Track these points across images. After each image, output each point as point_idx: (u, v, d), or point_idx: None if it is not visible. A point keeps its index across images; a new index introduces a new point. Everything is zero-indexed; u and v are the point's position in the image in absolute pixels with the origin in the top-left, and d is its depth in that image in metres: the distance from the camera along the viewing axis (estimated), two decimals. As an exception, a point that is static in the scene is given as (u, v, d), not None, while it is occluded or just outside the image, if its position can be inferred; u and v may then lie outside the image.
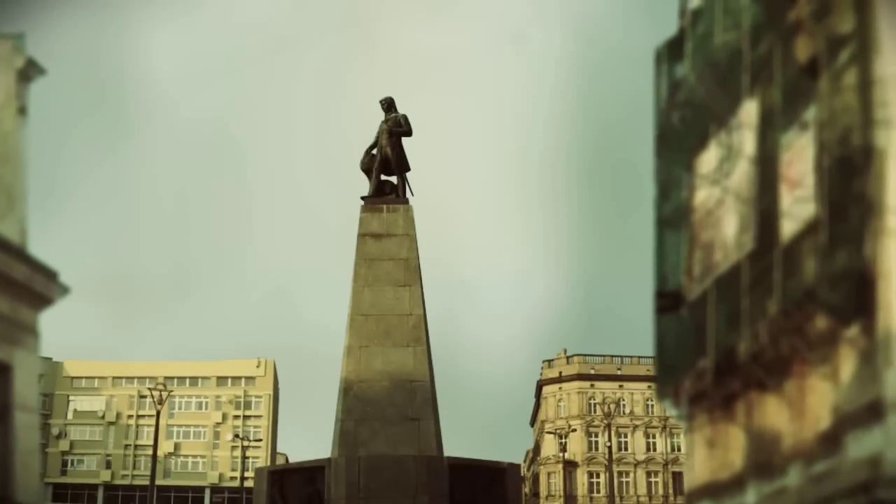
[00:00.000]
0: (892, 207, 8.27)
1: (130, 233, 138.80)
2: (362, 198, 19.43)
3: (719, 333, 9.87)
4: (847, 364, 8.54)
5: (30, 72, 10.77)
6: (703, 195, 10.54)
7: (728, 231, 10.02)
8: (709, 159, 10.47)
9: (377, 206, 19.12)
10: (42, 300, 10.60)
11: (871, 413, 8.13)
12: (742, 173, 9.89)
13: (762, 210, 9.51)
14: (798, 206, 9.08)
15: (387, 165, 19.60)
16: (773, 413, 9.36)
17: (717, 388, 9.99)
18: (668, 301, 10.72)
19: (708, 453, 10.41)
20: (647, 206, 11.30)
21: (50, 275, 10.63)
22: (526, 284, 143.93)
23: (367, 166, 19.77)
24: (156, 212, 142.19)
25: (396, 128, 19.54)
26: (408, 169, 19.80)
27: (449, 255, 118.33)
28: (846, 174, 8.60)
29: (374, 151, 19.75)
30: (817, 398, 8.84)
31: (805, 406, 8.98)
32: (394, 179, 19.70)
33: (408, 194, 19.51)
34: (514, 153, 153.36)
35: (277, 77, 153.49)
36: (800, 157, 9.15)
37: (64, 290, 10.87)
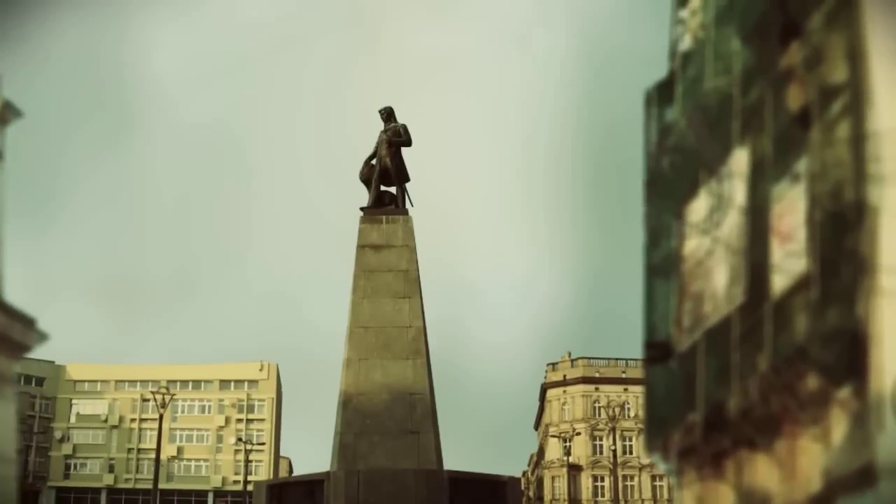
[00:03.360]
0: (885, 267, 8.02)
1: (133, 235, 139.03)
2: (361, 209, 19.31)
3: (709, 387, 9.64)
4: (838, 426, 8.31)
5: (5, 115, 10.57)
6: (692, 244, 10.30)
7: (718, 282, 9.78)
8: (699, 208, 10.24)
9: (376, 217, 19.04)
10: (20, 349, 10.42)
11: (863, 478, 7.92)
12: (732, 224, 9.65)
13: (753, 263, 9.27)
14: (789, 260, 8.84)
15: (386, 176, 19.49)
16: (764, 473, 9.13)
17: (707, 444, 9.76)
18: (657, 352, 10.49)
19: (697, 511, 10.20)
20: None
21: (27, 322, 10.43)
22: (530, 287, 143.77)
23: (367, 177, 19.64)
24: (158, 214, 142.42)
25: (396, 138, 19.42)
26: (407, 179, 19.66)
27: (453, 258, 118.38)
28: (838, 230, 8.36)
29: (374, 162, 19.63)
30: (808, 460, 8.61)
31: (796, 467, 8.75)
32: (393, 190, 19.57)
33: (407, 205, 19.40)
34: (518, 155, 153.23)
35: (280, 78, 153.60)
36: (791, 209, 8.91)
37: (42, 337, 10.68)
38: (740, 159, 9.59)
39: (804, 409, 8.59)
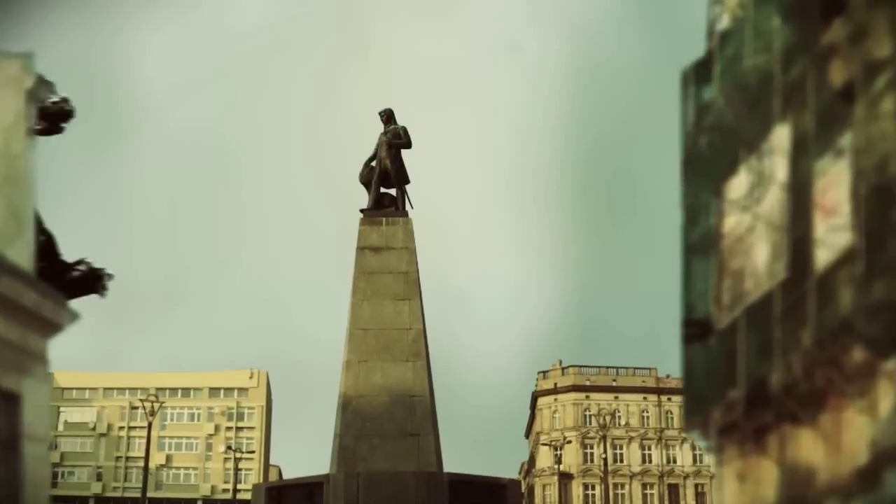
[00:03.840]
0: None
1: (122, 241, 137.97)
2: (361, 210, 19.21)
3: (750, 364, 9.63)
4: (885, 398, 8.31)
5: (39, 91, 10.51)
6: (732, 221, 10.30)
7: (759, 259, 9.78)
8: (738, 185, 10.24)
9: (376, 218, 18.95)
10: (52, 327, 10.33)
11: (912, 449, 7.92)
12: (774, 200, 9.67)
13: (795, 238, 9.28)
14: (833, 234, 8.85)
15: (386, 178, 19.43)
16: (808, 447, 9.12)
17: (748, 420, 9.74)
18: (696, 329, 10.48)
19: (739, 487, 10.16)
20: (642, 217, 11.15)
21: (59, 301, 10.35)
22: (521, 295, 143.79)
23: (367, 179, 19.58)
24: (148, 220, 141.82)
25: (396, 140, 19.37)
26: (407, 181, 19.60)
27: (443, 266, 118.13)
28: (884, 203, 8.37)
29: (374, 164, 19.58)
30: (854, 432, 8.60)
31: (841, 440, 8.74)
32: (393, 192, 19.50)
33: (407, 207, 19.31)
34: (508, 162, 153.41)
35: (271, 84, 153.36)
36: (835, 184, 8.93)
37: (73, 316, 10.60)
38: (781, 136, 9.61)
39: (850, 382, 8.59)
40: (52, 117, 16.01)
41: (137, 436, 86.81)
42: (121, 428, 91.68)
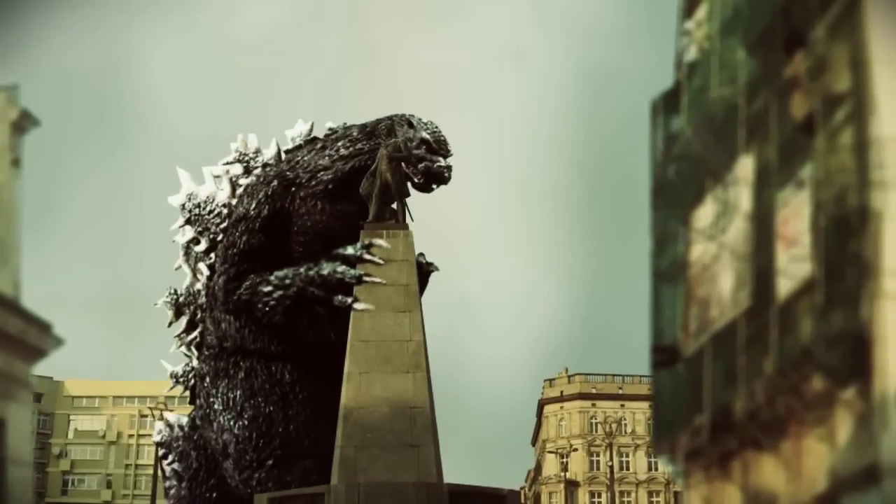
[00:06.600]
0: (889, 270, 8.21)
1: (131, 250, 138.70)
2: (362, 223, 19.45)
3: (715, 390, 9.81)
4: (843, 426, 8.48)
5: (24, 123, 10.74)
6: (699, 250, 10.48)
7: (724, 287, 9.96)
8: (705, 214, 10.43)
9: (377, 232, 19.10)
10: (36, 353, 10.58)
11: (868, 477, 8.08)
12: (738, 229, 9.84)
13: (758, 267, 9.45)
14: (794, 264, 9.02)
15: (386, 191, 19.62)
16: (770, 473, 9.28)
17: (714, 446, 9.91)
18: (664, 356, 10.65)
19: (704, 511, 10.33)
20: (649, 224, 11.23)
21: (44, 327, 10.59)
22: (527, 303, 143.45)
23: (367, 191, 19.79)
24: (157, 229, 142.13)
25: (396, 153, 19.56)
26: (407, 194, 19.78)
27: (450, 274, 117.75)
28: (842, 234, 8.55)
29: (374, 177, 19.82)
30: (814, 460, 8.76)
31: (801, 467, 8.90)
32: (394, 205, 19.73)
33: (407, 220, 19.51)
34: (514, 170, 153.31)
35: (278, 92, 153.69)
36: (796, 215, 9.10)
37: (58, 342, 10.84)
38: (745, 166, 9.79)
39: (809, 410, 8.74)
40: (430, 177, 17.83)
41: (147, 444, 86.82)
42: (130, 436, 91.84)
